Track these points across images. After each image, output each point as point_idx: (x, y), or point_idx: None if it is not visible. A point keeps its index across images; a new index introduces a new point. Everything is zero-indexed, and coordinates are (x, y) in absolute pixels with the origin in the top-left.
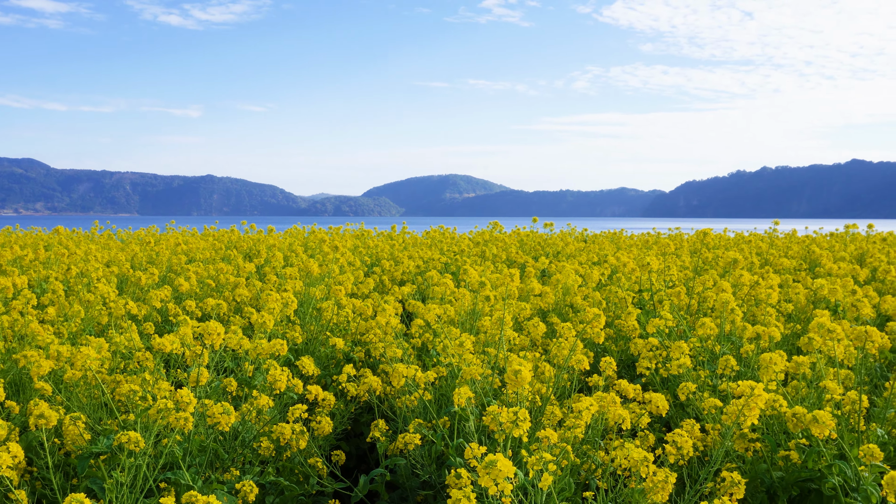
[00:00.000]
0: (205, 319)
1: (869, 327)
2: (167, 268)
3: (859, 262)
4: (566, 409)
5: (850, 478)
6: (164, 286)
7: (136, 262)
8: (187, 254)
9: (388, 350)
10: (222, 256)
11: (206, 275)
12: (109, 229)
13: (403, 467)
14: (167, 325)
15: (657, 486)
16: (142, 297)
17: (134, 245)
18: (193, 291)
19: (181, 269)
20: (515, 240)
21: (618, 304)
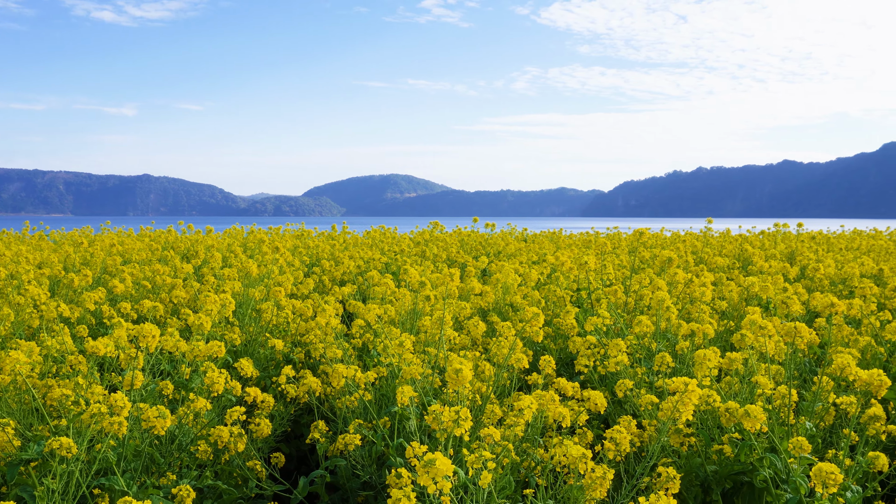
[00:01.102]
0: (141, 322)
1: (798, 323)
2: (101, 269)
3: (789, 260)
4: (506, 408)
5: (781, 470)
6: (98, 288)
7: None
8: (123, 255)
9: (329, 351)
10: (159, 258)
11: (142, 276)
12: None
13: (344, 468)
14: (101, 327)
15: (595, 483)
16: (75, 299)
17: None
18: (129, 293)
19: (116, 270)
20: (456, 239)
21: (557, 302)
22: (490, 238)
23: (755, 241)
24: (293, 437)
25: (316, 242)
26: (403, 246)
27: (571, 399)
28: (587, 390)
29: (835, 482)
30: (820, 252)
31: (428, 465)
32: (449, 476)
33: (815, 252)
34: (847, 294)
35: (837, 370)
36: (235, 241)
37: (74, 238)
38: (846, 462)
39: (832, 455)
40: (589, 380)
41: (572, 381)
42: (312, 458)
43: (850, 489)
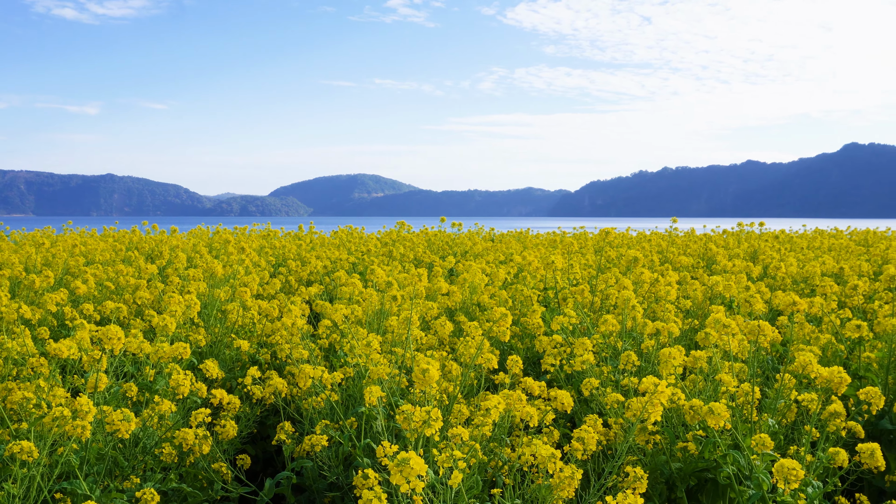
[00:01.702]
0: (104, 323)
1: (761, 322)
2: (64, 270)
3: (752, 259)
4: (473, 407)
5: (744, 466)
6: (60, 289)
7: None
8: (86, 255)
9: (295, 351)
10: (123, 258)
11: (106, 277)
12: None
13: (310, 469)
14: (63, 329)
15: (564, 483)
16: (36, 300)
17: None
18: (92, 294)
19: (79, 271)
20: (423, 239)
21: (524, 302)
22: (457, 238)
23: (719, 240)
24: (259, 439)
25: (282, 243)
26: (370, 246)
27: (538, 398)
28: (554, 389)
29: (796, 478)
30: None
31: (402, 465)
32: (422, 475)
33: (777, 251)
34: (808, 293)
35: (800, 368)
36: (201, 241)
37: (36, 238)
38: (807, 458)
39: (794, 451)
40: (555, 379)
41: (539, 381)
42: (279, 459)
43: (811, 485)
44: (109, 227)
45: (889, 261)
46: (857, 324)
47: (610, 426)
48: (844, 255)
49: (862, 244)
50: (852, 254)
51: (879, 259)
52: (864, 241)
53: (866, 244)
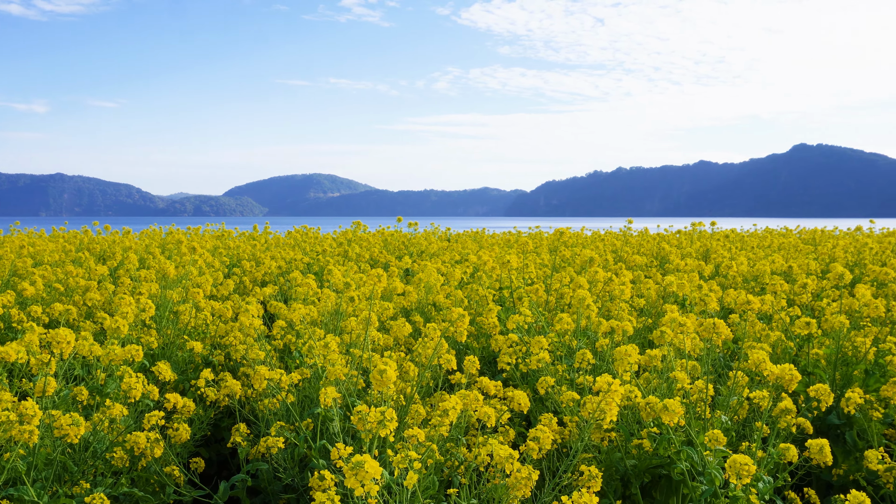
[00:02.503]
0: (53, 326)
1: (714, 320)
2: (11, 272)
3: (705, 258)
4: (430, 408)
5: (697, 462)
6: (6, 291)
7: None
8: (34, 256)
9: (251, 352)
10: (73, 259)
11: (55, 278)
12: None
13: (266, 472)
14: (10, 332)
15: (521, 483)
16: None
17: None
18: (40, 296)
19: (26, 272)
20: (380, 239)
21: (479, 301)
22: (413, 238)
23: (672, 239)
24: (214, 441)
25: (237, 243)
26: (326, 246)
27: (494, 398)
28: (510, 389)
29: (748, 473)
30: (733, 250)
31: (356, 468)
32: (377, 478)
33: (728, 250)
34: (759, 291)
35: (753, 365)
36: (154, 241)
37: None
38: (759, 454)
39: (746, 447)
40: (511, 377)
41: (495, 380)
42: (234, 462)
43: (762, 480)
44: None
45: (836, 259)
46: (807, 321)
47: (566, 424)
48: (793, 253)
49: (810, 243)
50: (801, 252)
51: (827, 258)
52: (812, 240)
53: (814, 243)
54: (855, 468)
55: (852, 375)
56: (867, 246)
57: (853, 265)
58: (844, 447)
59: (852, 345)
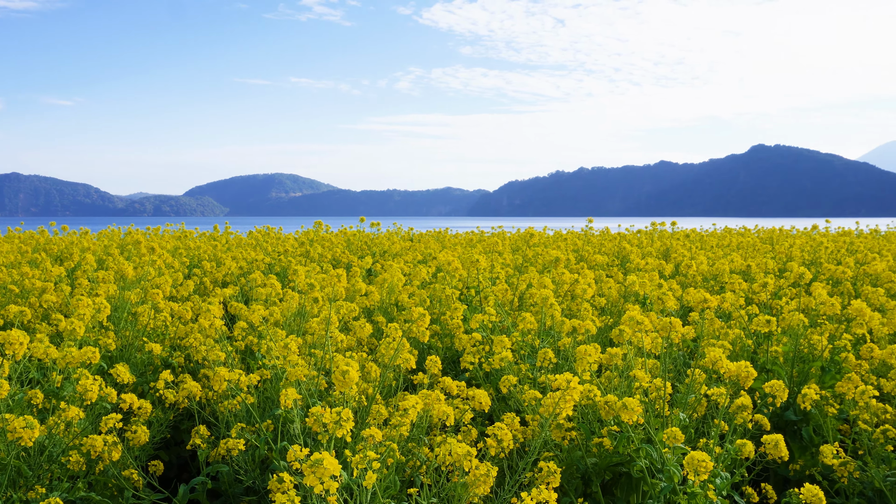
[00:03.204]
0: (7, 328)
1: (673, 318)
2: None
3: (665, 257)
4: (392, 408)
5: (656, 460)
6: None
7: None
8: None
9: (211, 353)
10: (29, 260)
11: (9, 280)
12: None
13: (226, 474)
14: None
15: (479, 480)
16: None
17: None
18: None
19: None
20: (342, 239)
21: (444, 301)
22: (376, 238)
23: (633, 239)
24: (174, 444)
25: (197, 243)
26: (288, 246)
27: (457, 397)
28: (472, 388)
29: (705, 469)
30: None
31: (315, 466)
32: (336, 476)
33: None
34: (718, 289)
35: (710, 363)
36: (112, 242)
37: None
38: (716, 450)
39: (704, 444)
40: (474, 377)
41: (458, 380)
42: (194, 464)
43: (719, 475)
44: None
45: (793, 258)
46: (765, 319)
47: (528, 423)
48: (752, 252)
49: (768, 242)
50: (759, 251)
51: (784, 257)
52: (770, 240)
53: (772, 242)
54: (811, 463)
55: (809, 372)
56: (823, 245)
57: (810, 264)
58: (801, 443)
59: (809, 342)
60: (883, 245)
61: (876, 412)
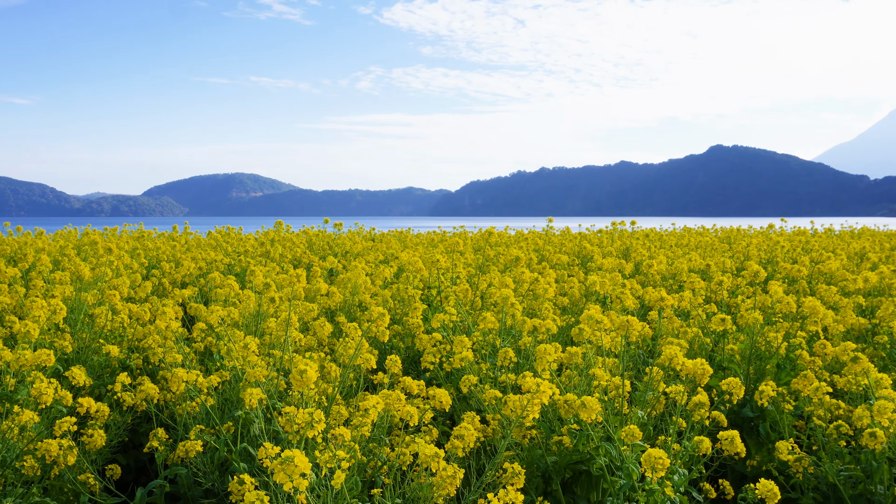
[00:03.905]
0: None
1: (631, 318)
2: None
3: (625, 256)
4: (352, 408)
5: (615, 457)
6: None
7: None
8: None
9: (168, 355)
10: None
11: None
12: None
13: (185, 476)
14: None
15: (446, 481)
16: None
17: None
18: None
19: None
20: (304, 240)
21: (405, 300)
22: (338, 238)
23: (594, 238)
24: (132, 447)
25: (156, 244)
26: (248, 247)
27: (417, 397)
28: (433, 388)
29: (663, 466)
30: (653, 249)
31: (285, 463)
32: (306, 473)
33: (648, 249)
34: (677, 288)
35: (667, 361)
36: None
37: None
38: (674, 447)
39: (662, 441)
40: (435, 377)
41: (419, 379)
42: (152, 468)
43: (677, 472)
44: None
45: (750, 257)
46: (722, 317)
47: (488, 422)
48: (710, 252)
49: (726, 241)
50: (717, 251)
51: (742, 256)
52: (728, 239)
53: (730, 241)
54: (768, 459)
55: (765, 369)
56: (779, 245)
57: (766, 263)
58: (757, 439)
59: (765, 340)
60: (837, 244)
61: (830, 408)
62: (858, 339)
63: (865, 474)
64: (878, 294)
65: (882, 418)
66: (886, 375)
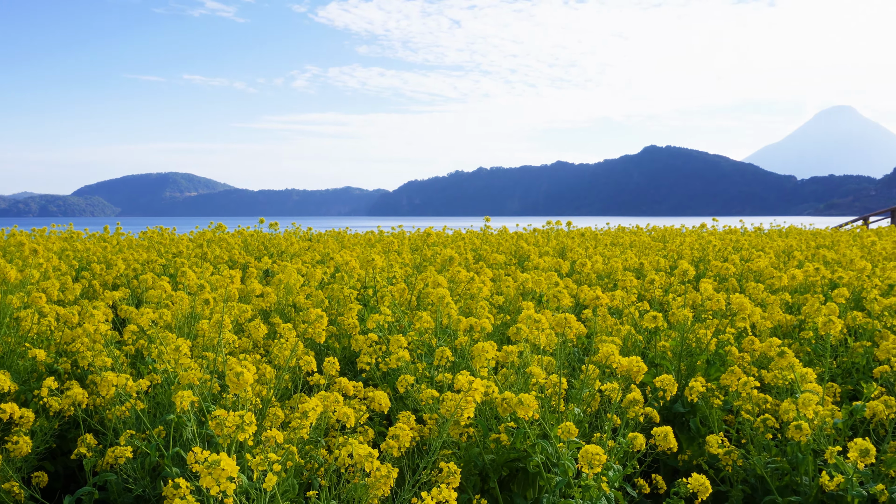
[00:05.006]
0: None
1: (568, 315)
2: None
3: (562, 255)
4: (289, 411)
5: (552, 454)
6: None
7: None
8: None
9: (97, 359)
10: None
11: None
12: None
13: (115, 483)
14: None
15: (380, 481)
16: None
17: None
18: None
19: None
20: (239, 240)
21: (341, 301)
22: (273, 238)
23: (530, 238)
24: (60, 454)
25: (86, 245)
26: (182, 247)
27: (354, 398)
28: (370, 389)
29: (599, 462)
30: (588, 248)
31: (212, 467)
32: (233, 478)
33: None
34: (612, 287)
35: (603, 358)
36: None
37: None
38: (609, 443)
39: (597, 438)
40: (372, 377)
41: (356, 380)
42: (81, 475)
43: (612, 468)
44: None
45: (683, 256)
46: (654, 315)
47: (425, 422)
48: (644, 251)
49: (660, 241)
50: (651, 250)
51: (675, 255)
52: (662, 238)
53: (664, 241)
54: (698, 453)
55: (696, 365)
56: (711, 244)
57: (699, 261)
58: (689, 434)
59: (696, 337)
60: (766, 242)
61: (757, 402)
62: (785, 334)
63: (791, 466)
64: (804, 291)
65: (807, 411)
66: (811, 370)
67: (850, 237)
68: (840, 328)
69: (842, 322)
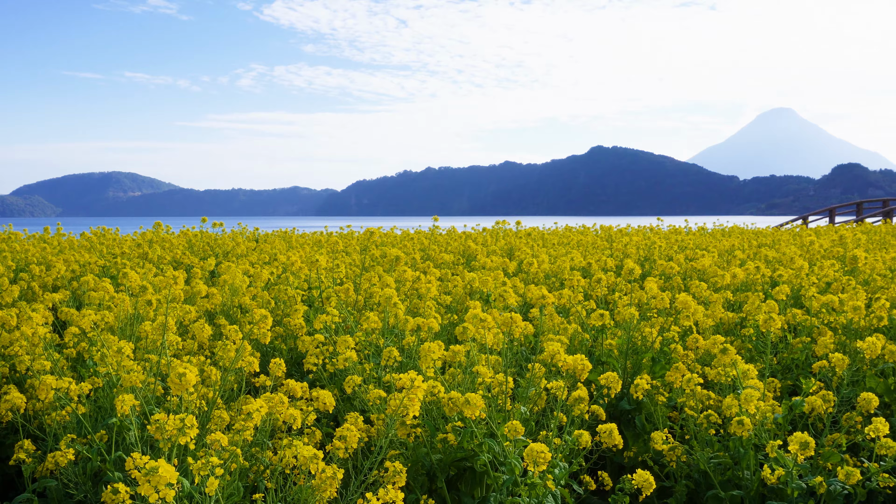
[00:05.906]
0: None
1: (514, 314)
2: None
3: (509, 255)
4: (234, 412)
5: (499, 453)
6: None
7: None
8: None
9: (36, 362)
10: None
11: None
12: None
13: (55, 489)
14: None
15: (326, 483)
16: None
17: None
18: None
19: None
20: (184, 240)
21: (287, 302)
22: (219, 238)
23: (478, 238)
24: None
25: (25, 246)
26: (125, 248)
27: (301, 399)
28: (317, 389)
29: (544, 460)
30: (536, 248)
31: (150, 474)
32: (172, 484)
33: (531, 248)
34: (559, 286)
35: (549, 357)
36: None
37: None
38: (556, 441)
39: (544, 436)
40: (319, 378)
41: (302, 381)
42: (20, 482)
43: (558, 466)
44: None
45: (629, 255)
46: (601, 313)
47: (373, 423)
48: (591, 250)
49: (606, 240)
50: (598, 249)
51: (621, 254)
52: (609, 238)
53: (610, 240)
54: (644, 450)
55: (641, 363)
56: (656, 244)
57: (644, 260)
58: (634, 430)
59: (641, 335)
60: (709, 242)
61: (701, 399)
62: (728, 332)
63: (734, 460)
64: (746, 289)
65: (749, 406)
66: (753, 366)
67: (790, 236)
68: (780, 325)
69: (782, 319)
